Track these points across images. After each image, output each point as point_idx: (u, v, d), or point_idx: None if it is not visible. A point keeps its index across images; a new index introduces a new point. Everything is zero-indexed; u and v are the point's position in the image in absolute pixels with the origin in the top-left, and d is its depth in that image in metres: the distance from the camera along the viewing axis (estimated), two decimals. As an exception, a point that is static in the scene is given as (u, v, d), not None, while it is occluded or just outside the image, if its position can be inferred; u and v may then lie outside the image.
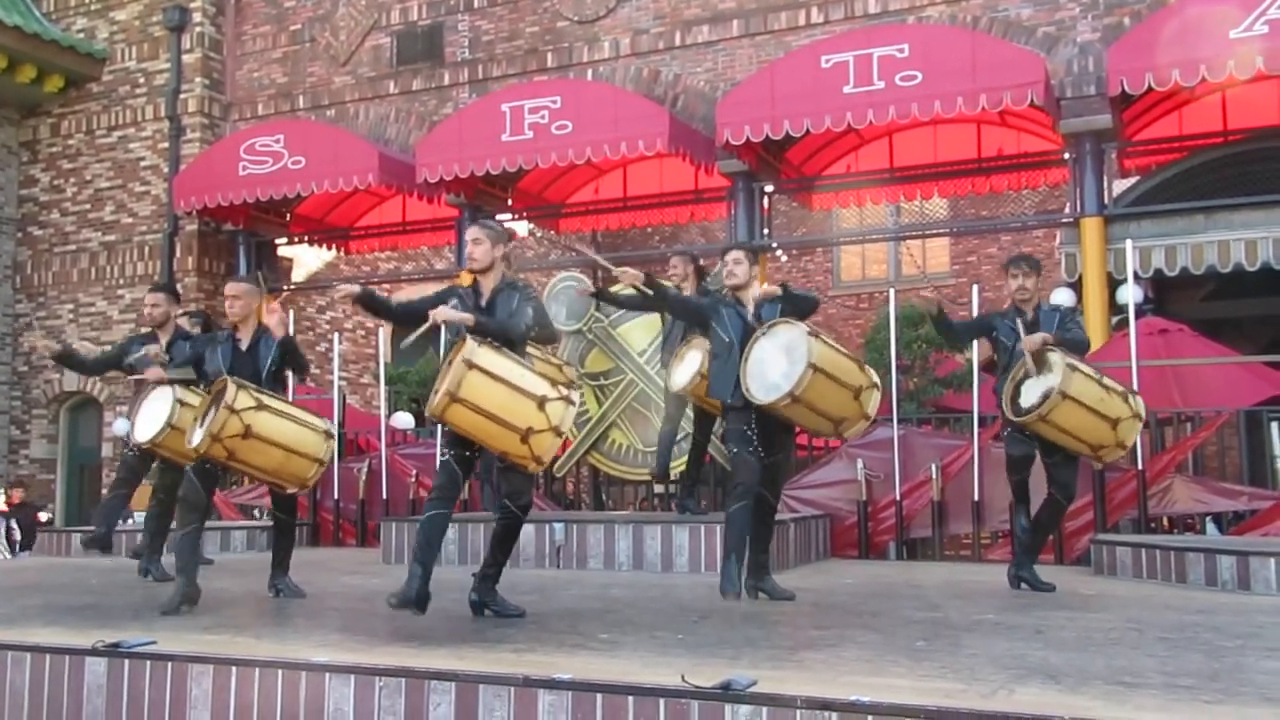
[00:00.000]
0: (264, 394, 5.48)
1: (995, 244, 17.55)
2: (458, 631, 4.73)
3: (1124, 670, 3.70)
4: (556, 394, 4.82)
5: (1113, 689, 3.38)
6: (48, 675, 4.30)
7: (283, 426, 5.45)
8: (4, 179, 14.52)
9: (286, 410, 5.55)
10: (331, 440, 5.61)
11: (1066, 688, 3.38)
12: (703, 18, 11.73)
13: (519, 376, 4.82)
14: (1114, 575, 6.95)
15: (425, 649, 4.17)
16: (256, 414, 5.32)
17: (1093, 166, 10.08)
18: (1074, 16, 10.26)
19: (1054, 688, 3.39)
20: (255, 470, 5.61)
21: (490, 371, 4.76)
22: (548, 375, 5.13)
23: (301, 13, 13.76)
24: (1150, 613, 5.28)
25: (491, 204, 12.55)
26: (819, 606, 5.59)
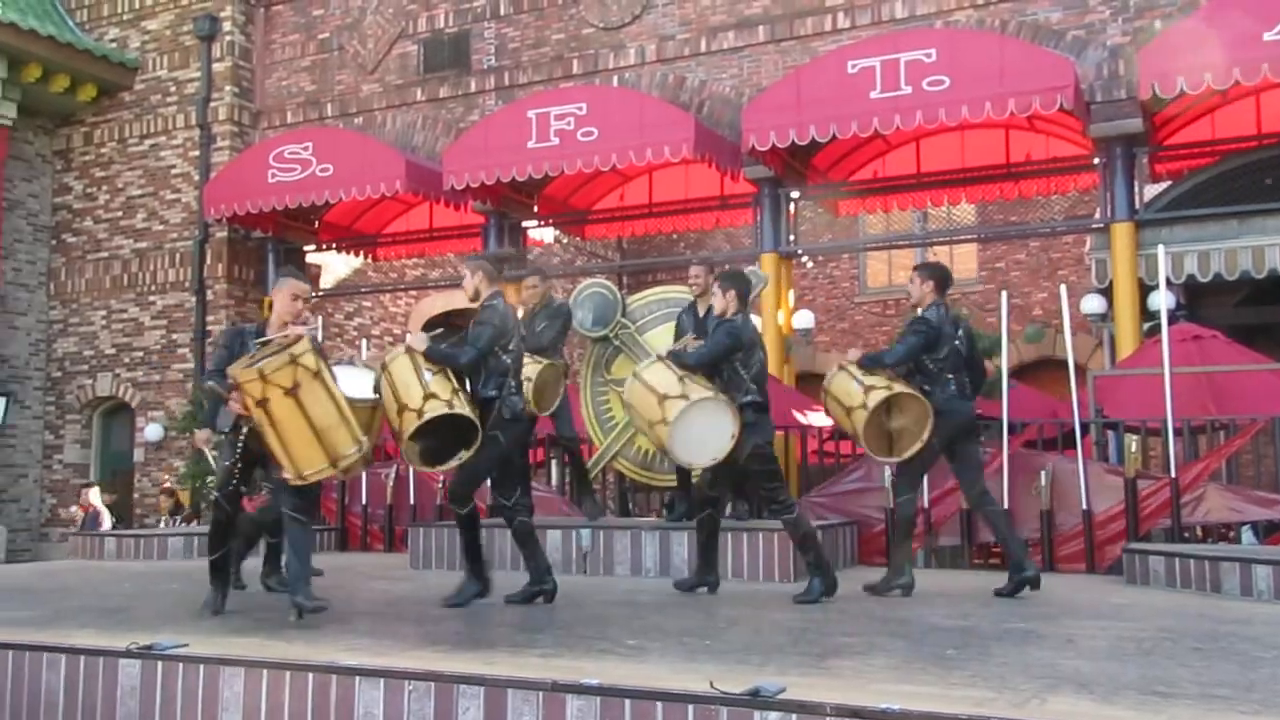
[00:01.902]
0: (328, 371, 5.15)
1: (1024, 250, 17.46)
2: (486, 636, 4.75)
3: (1158, 680, 3.67)
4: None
5: (1146, 699, 3.35)
6: (82, 676, 4.35)
7: (326, 408, 5.05)
8: (39, 187, 14.71)
9: (337, 397, 5.13)
10: (359, 454, 5.19)
11: (1099, 697, 3.36)
12: (728, 24, 11.74)
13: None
14: (1146, 585, 6.88)
15: (454, 653, 4.19)
16: (312, 379, 5.01)
17: (1123, 171, 10.01)
18: (1104, 20, 10.19)
19: (1087, 697, 3.36)
20: (272, 435, 5.05)
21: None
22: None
23: (330, 21, 13.88)
24: (1184, 622, 5.23)
25: (517, 210, 12.61)
26: (847, 614, 5.56)
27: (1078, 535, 7.92)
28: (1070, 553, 7.96)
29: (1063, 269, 16.75)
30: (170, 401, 13.60)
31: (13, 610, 5.76)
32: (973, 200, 13.87)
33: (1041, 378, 14.18)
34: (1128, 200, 10.00)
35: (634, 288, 15.13)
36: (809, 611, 5.59)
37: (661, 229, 14.32)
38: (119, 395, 14.09)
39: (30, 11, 13.78)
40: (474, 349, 5.59)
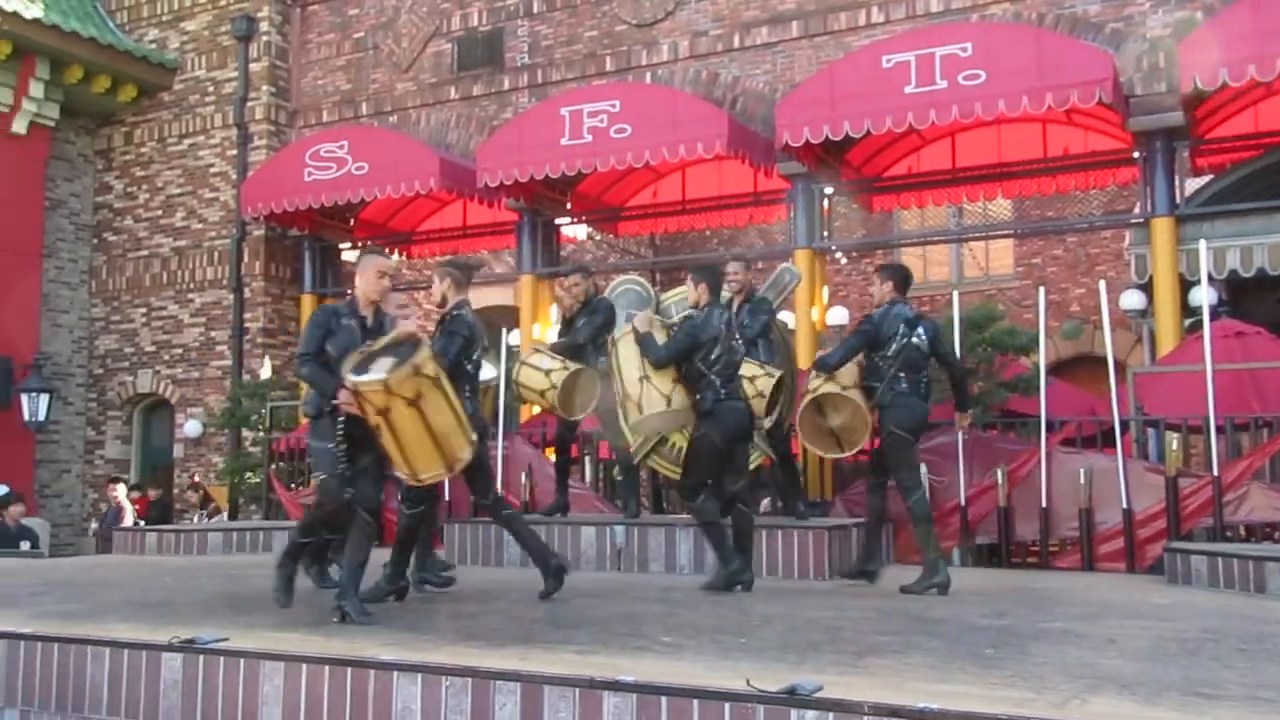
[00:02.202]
0: (445, 377, 5.15)
1: (1061, 245, 17.27)
2: (522, 632, 4.77)
3: (1201, 681, 3.62)
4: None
5: (1190, 700, 3.31)
6: (126, 670, 4.41)
7: (445, 415, 5.07)
8: (80, 187, 14.92)
9: (454, 403, 5.18)
10: (471, 455, 5.24)
11: (1141, 698, 3.32)
12: (762, 19, 11.70)
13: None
14: (1188, 584, 6.79)
15: (490, 649, 4.21)
16: (433, 388, 5.00)
17: (1164, 165, 9.88)
18: (1143, 12, 10.06)
19: (1128, 698, 3.32)
20: (390, 440, 5.01)
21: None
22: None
23: (365, 21, 13.97)
24: (1227, 622, 5.16)
25: (550, 208, 12.64)
26: (883, 612, 5.53)
27: (1117, 534, 7.83)
28: (1110, 552, 7.87)
29: (1101, 264, 16.56)
30: (209, 398, 13.76)
31: (58, 604, 5.86)
32: (1009, 195, 13.74)
33: (1080, 375, 14.03)
34: (1168, 194, 9.86)
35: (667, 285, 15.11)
36: (846, 610, 5.57)
37: (694, 225, 14.30)
38: (159, 392, 14.28)
39: (72, 14, 13.98)
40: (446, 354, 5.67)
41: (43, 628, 4.83)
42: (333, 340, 5.20)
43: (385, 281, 5.40)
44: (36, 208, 14.16)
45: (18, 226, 13.76)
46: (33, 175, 14.07)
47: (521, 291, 12.62)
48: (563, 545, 7.75)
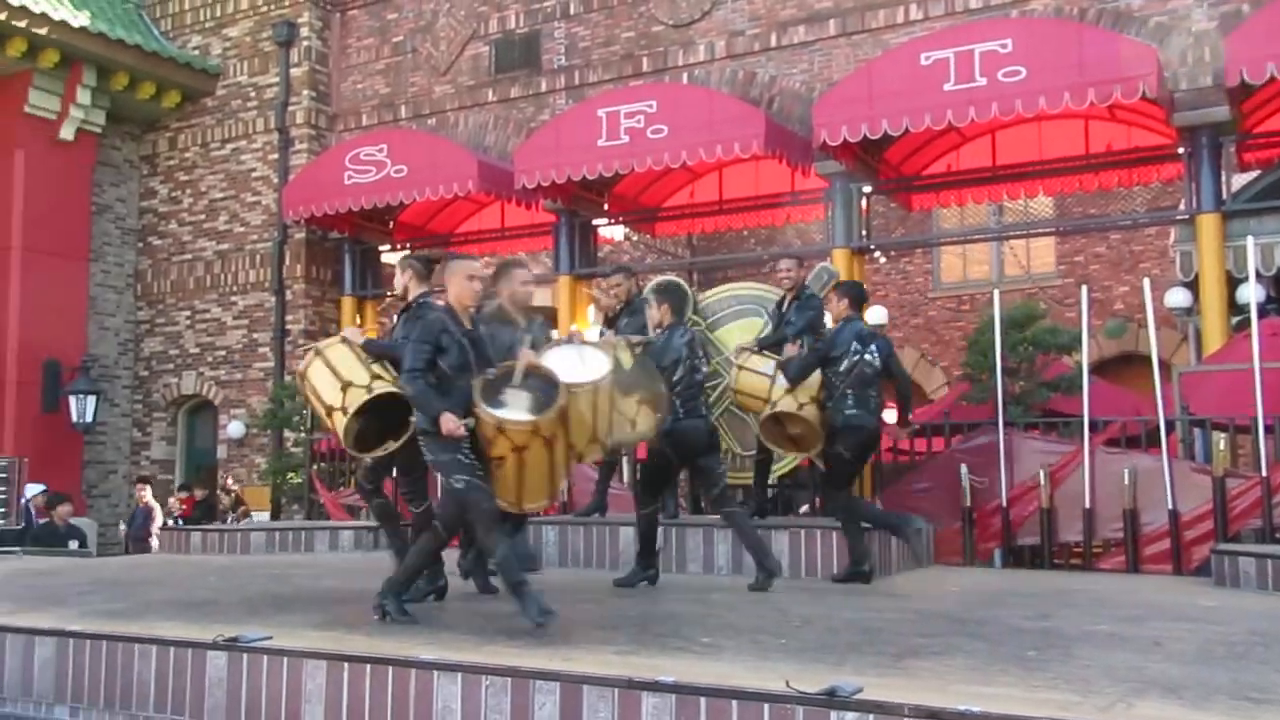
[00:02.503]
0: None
1: (1104, 243, 17.04)
2: (561, 632, 4.78)
3: (1250, 685, 3.56)
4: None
5: (1238, 704, 3.26)
6: (172, 667, 4.48)
7: (565, 452, 5.07)
8: (126, 192, 15.17)
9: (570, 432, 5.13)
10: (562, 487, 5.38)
11: (1188, 702, 3.27)
12: (799, 18, 11.65)
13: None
14: (1236, 587, 6.67)
15: (530, 649, 4.23)
16: (561, 426, 4.95)
17: (1209, 161, 9.72)
18: (1188, 5, 9.90)
19: (1175, 702, 3.28)
20: (513, 472, 4.91)
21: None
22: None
23: (403, 25, 14.08)
24: (1277, 625, 5.06)
25: (588, 209, 12.67)
26: (923, 614, 5.49)
27: (1163, 535, 7.72)
28: (1156, 553, 7.76)
29: (1145, 262, 16.32)
30: (252, 399, 13.93)
31: (105, 602, 5.95)
32: (1050, 193, 13.58)
33: (1123, 374, 13.84)
34: (1214, 190, 9.70)
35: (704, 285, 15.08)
36: (885, 611, 5.53)
37: (731, 225, 14.26)
38: (203, 393, 14.47)
39: (118, 22, 14.22)
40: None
41: (91, 626, 4.91)
42: (444, 357, 5.03)
43: (476, 285, 5.30)
44: (84, 213, 14.41)
45: (65, 231, 14.01)
46: (80, 181, 14.32)
47: (559, 292, 12.66)
48: (601, 546, 7.78)
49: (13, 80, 13.56)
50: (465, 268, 5.24)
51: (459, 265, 5.27)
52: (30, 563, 9.27)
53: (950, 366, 16.21)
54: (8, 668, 4.94)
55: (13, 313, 13.41)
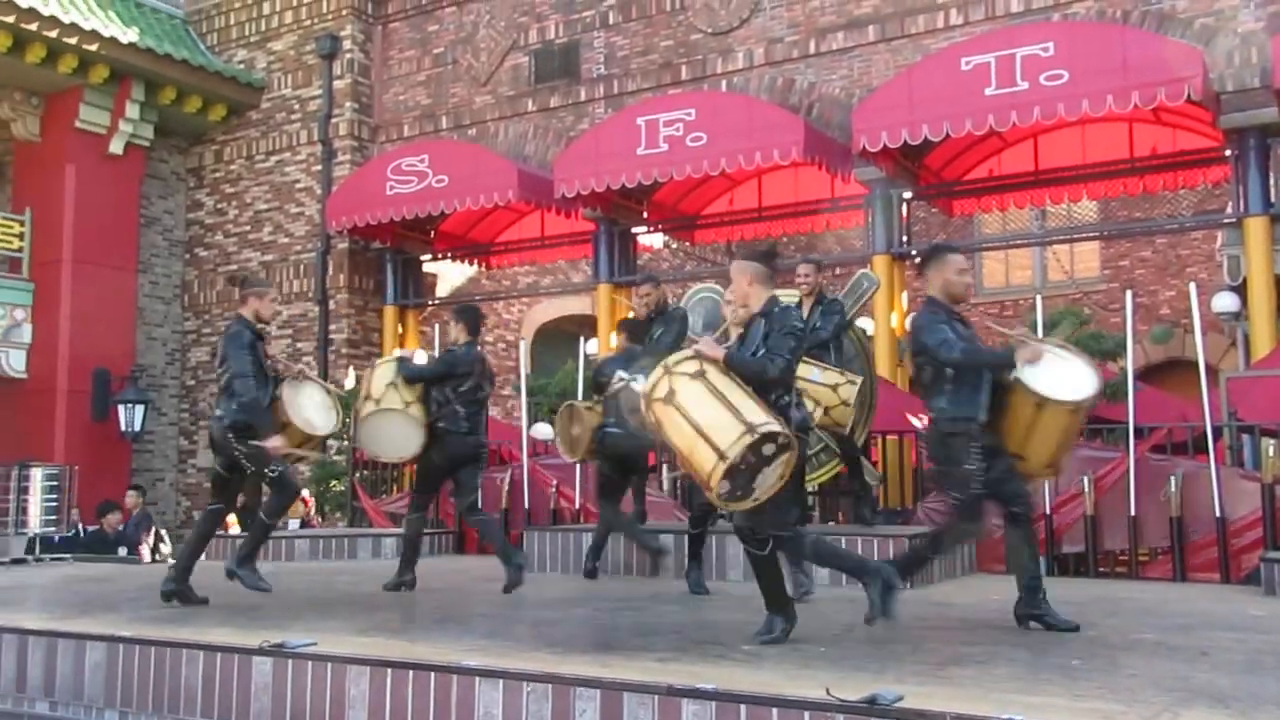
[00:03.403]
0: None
1: (1150, 247, 16.82)
2: (603, 639, 4.80)
3: (1300, 695, 3.50)
4: None
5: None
6: (219, 672, 4.54)
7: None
8: (173, 204, 15.44)
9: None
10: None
11: (1236, 712, 3.22)
12: (838, 24, 11.63)
13: None
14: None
15: (570, 655, 4.25)
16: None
17: (1257, 163, 9.58)
18: (1234, 6, 9.77)
19: (1222, 711, 3.23)
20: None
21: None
22: None
23: (444, 36, 14.22)
24: (1328, 635, 4.97)
25: (627, 217, 12.71)
26: (966, 622, 5.45)
27: (1211, 544, 7.60)
28: (1203, 561, 7.64)
29: (1192, 266, 16.09)
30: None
31: (153, 608, 6.05)
32: (1094, 197, 13.43)
33: (1170, 380, 13.64)
34: (1262, 193, 9.56)
35: (744, 292, 15.06)
36: (927, 620, 5.49)
37: (771, 232, 14.23)
38: (248, 402, 14.62)
39: (165, 37, 14.49)
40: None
41: (140, 631, 5.00)
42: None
43: (966, 278, 5.48)
44: (132, 225, 14.68)
45: (115, 244, 14.29)
46: (128, 194, 14.59)
47: (599, 300, 12.70)
48: (640, 553, 7.78)
49: (64, 96, 13.86)
50: (956, 262, 5.36)
51: (950, 259, 5.34)
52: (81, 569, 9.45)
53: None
54: (60, 672, 5.05)
55: (64, 323, 13.68)
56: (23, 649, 5.17)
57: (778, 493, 4.45)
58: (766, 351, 4.61)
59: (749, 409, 4.38)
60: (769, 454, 4.36)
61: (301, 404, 6.32)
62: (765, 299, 4.76)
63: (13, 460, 12.26)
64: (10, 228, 13.80)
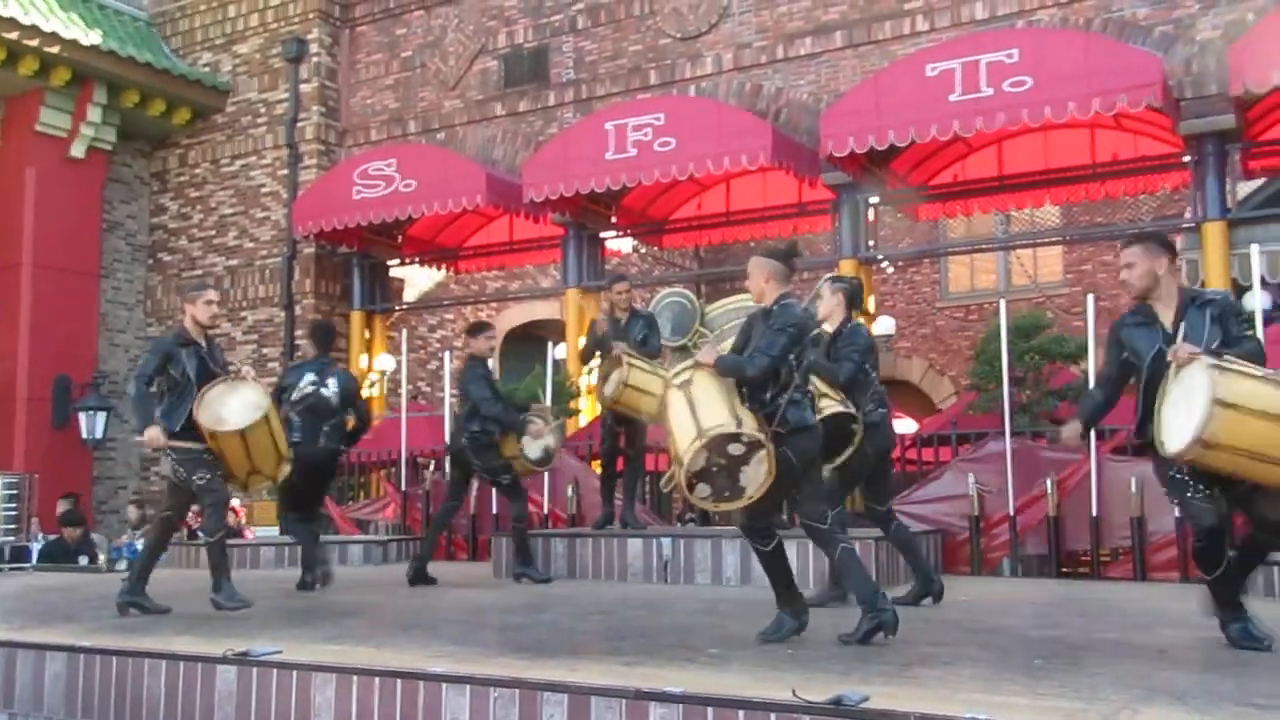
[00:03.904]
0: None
1: (1111, 251, 16.97)
2: (570, 644, 4.80)
3: (1256, 693, 3.55)
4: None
5: (1245, 711, 3.26)
6: (181, 682, 4.50)
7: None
8: (136, 208, 15.27)
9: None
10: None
11: (1193, 709, 3.27)
12: (805, 30, 11.70)
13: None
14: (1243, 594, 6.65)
15: (538, 660, 4.24)
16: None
17: (1215, 169, 9.73)
18: (1193, 15, 9.93)
19: (1180, 709, 3.28)
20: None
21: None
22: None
23: (412, 40, 14.16)
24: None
25: (595, 221, 12.71)
26: (931, 623, 5.49)
27: (1170, 543, 7.69)
28: (1163, 560, 7.74)
29: (1153, 270, 16.27)
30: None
31: (115, 617, 5.98)
32: (1057, 202, 13.58)
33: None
34: (1220, 198, 9.71)
35: (712, 296, 15.13)
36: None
37: (739, 237, 14.29)
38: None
39: (129, 40, 14.33)
40: None
41: (101, 641, 4.94)
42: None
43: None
44: (94, 230, 14.51)
45: (76, 248, 14.12)
46: (90, 198, 14.42)
47: (567, 305, 12.70)
48: (609, 558, 7.79)
49: (24, 99, 13.68)
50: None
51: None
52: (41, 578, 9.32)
53: (958, 376, 16.18)
54: (19, 683, 4.98)
55: (24, 329, 13.49)
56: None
57: (806, 485, 4.62)
58: (754, 349, 4.66)
59: (711, 414, 4.43)
60: (737, 453, 4.40)
61: (218, 402, 6.04)
62: (777, 295, 4.78)
63: (-30, 469, 12.07)
64: (-31, 232, 13.59)
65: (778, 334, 4.63)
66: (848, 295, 6.21)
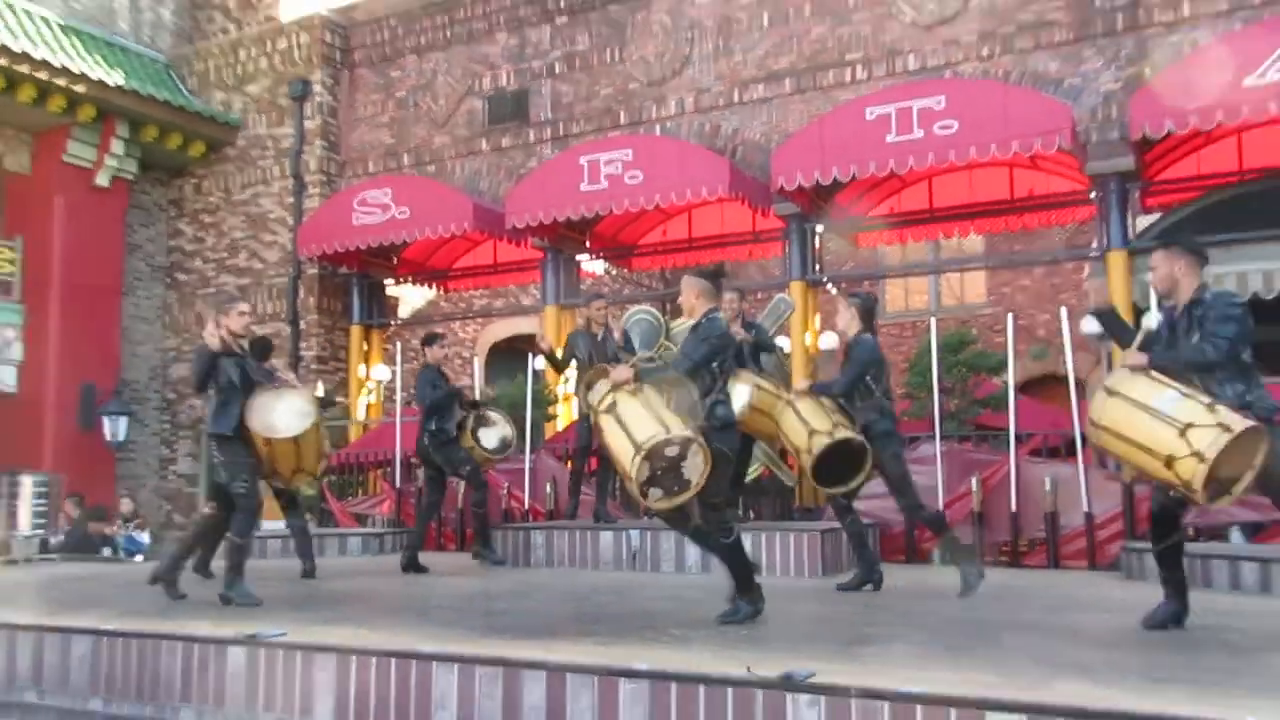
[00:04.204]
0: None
1: (1028, 276, 17.25)
2: (548, 626, 4.79)
3: (1156, 666, 3.62)
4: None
5: (1145, 684, 3.31)
6: (195, 661, 4.45)
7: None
8: (155, 233, 15.09)
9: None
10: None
11: (1101, 683, 3.32)
12: (759, 77, 11.78)
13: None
14: (1143, 580, 6.73)
15: (519, 641, 4.23)
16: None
17: (1117, 204, 9.89)
18: (1097, 69, 10.10)
19: (1089, 682, 3.32)
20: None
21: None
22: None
23: (406, 82, 14.12)
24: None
25: (571, 246, 12.71)
26: (870, 607, 5.53)
27: (1080, 535, 7.81)
28: (1073, 550, 7.85)
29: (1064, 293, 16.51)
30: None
31: (137, 604, 5.90)
32: (981, 232, 13.74)
33: (1045, 392, 13.98)
34: (1122, 230, 9.87)
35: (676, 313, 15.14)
36: (837, 605, 5.57)
37: (700, 260, 14.26)
38: (224, 413, 14.32)
39: (149, 80, 14.19)
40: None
41: (123, 625, 4.88)
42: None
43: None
44: (117, 252, 14.32)
45: (101, 269, 13.92)
46: (114, 223, 14.24)
47: (546, 320, 12.68)
48: (583, 548, 7.78)
49: (53, 133, 13.49)
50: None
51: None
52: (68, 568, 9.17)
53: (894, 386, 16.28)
54: (47, 664, 4.90)
55: (53, 342, 13.28)
56: (12, 643, 5.01)
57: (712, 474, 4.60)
58: (679, 355, 4.84)
59: (641, 428, 4.51)
60: (674, 454, 4.48)
61: (266, 409, 5.96)
62: (705, 310, 4.86)
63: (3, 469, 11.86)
64: (3, 254, 13.39)
65: (701, 343, 4.75)
66: (861, 310, 6.16)
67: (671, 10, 12.29)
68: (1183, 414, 4.06)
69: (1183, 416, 4.05)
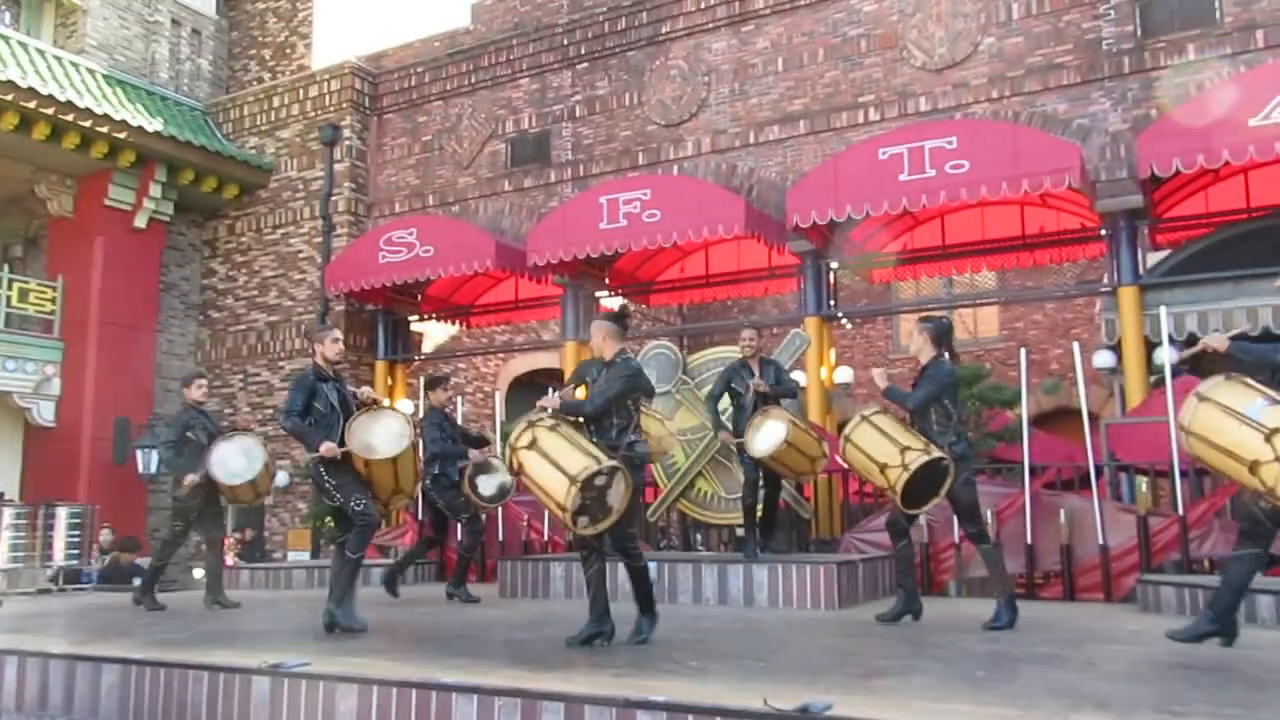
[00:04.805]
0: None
1: (1040, 311, 17.16)
2: (566, 658, 4.74)
3: (1172, 700, 3.54)
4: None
5: (1162, 717, 3.24)
6: (221, 691, 4.43)
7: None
8: (189, 271, 15.28)
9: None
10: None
11: (1117, 715, 3.25)
12: (774, 119, 11.85)
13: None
14: (1159, 612, 6.63)
15: (538, 673, 4.19)
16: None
17: (1127, 241, 9.84)
18: (1105, 110, 10.10)
19: (1106, 715, 3.25)
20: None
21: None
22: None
23: (431, 126, 14.30)
24: (1195, 647, 5.01)
25: (591, 283, 12.76)
26: (887, 638, 5.45)
27: (1095, 567, 7.68)
28: (1089, 583, 7.72)
29: (1076, 328, 16.43)
30: (295, 452, 13.86)
31: (163, 633, 5.90)
32: (993, 268, 13.71)
33: (1059, 426, 13.85)
34: (1132, 266, 9.81)
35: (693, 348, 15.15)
36: (854, 636, 5.49)
37: (717, 296, 14.37)
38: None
39: (186, 126, 14.44)
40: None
41: (150, 654, 4.87)
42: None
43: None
44: (152, 290, 14.50)
45: (137, 307, 14.10)
46: (150, 263, 14.43)
47: (566, 355, 12.71)
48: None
49: (95, 177, 13.74)
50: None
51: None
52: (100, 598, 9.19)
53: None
54: (78, 692, 4.90)
55: (90, 377, 13.43)
56: (45, 671, 5.01)
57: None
58: (594, 392, 5.08)
59: (573, 461, 4.75)
60: (602, 483, 4.74)
61: (364, 430, 5.89)
62: (615, 351, 5.16)
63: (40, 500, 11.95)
64: (44, 293, 13.59)
65: (614, 380, 5.01)
66: (933, 334, 6.07)
67: (688, 56, 12.41)
68: (1270, 420, 4.03)
69: (1269, 422, 4.03)
